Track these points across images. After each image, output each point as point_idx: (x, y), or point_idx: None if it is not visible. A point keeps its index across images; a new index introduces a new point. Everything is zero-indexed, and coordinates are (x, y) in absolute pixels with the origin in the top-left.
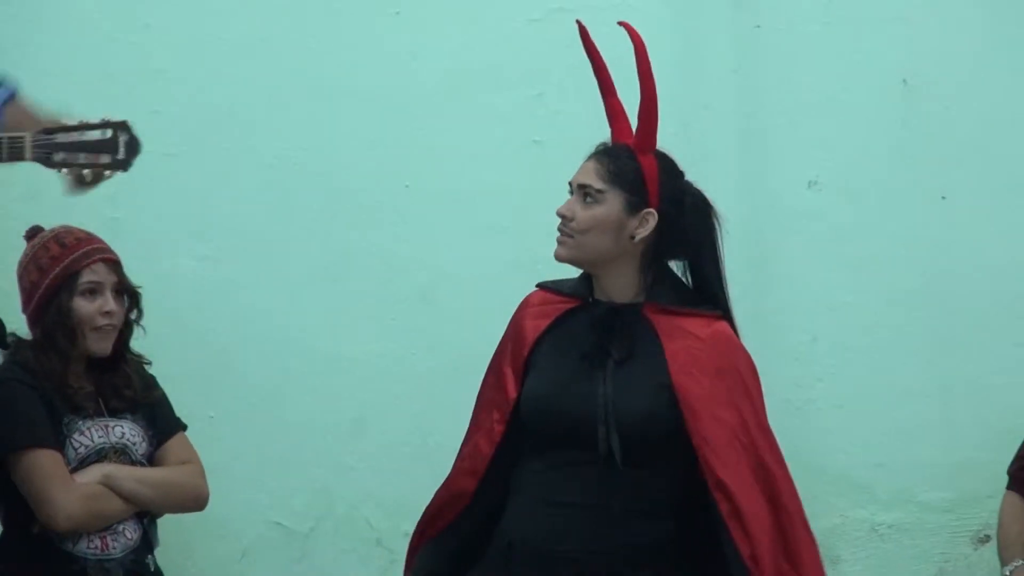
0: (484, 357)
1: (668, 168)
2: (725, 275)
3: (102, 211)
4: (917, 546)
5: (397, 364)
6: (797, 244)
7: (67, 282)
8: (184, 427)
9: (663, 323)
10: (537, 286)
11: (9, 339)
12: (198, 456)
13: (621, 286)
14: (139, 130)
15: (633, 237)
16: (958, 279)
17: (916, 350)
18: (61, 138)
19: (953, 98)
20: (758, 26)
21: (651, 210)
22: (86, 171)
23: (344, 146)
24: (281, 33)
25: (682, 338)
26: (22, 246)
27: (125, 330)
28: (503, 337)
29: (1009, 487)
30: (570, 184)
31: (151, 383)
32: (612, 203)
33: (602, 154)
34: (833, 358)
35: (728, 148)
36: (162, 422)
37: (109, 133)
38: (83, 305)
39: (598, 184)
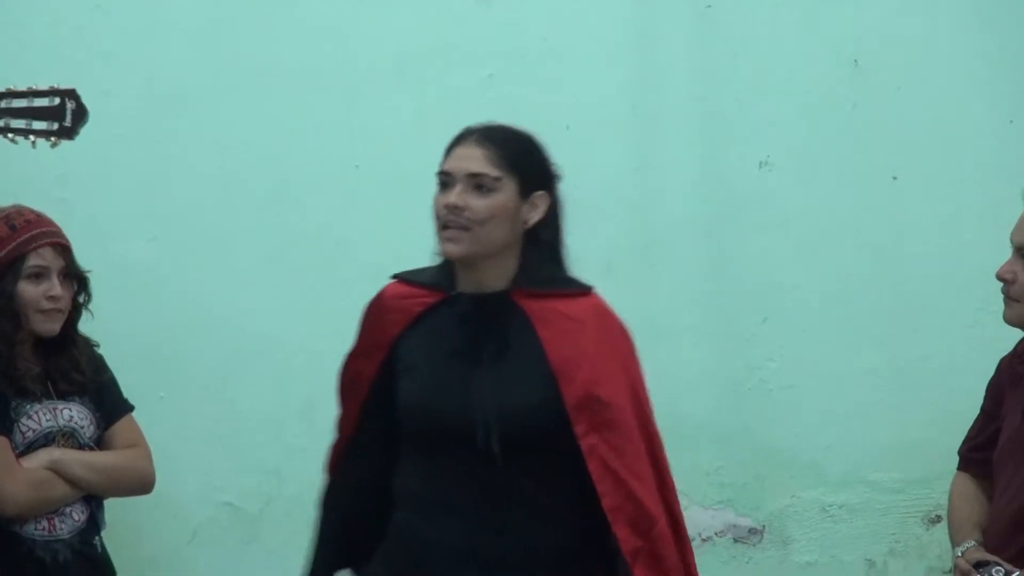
0: None
1: (544, 148)
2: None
3: (52, 191)
4: (868, 526)
5: (347, 346)
6: (748, 225)
7: (13, 265)
8: (131, 409)
9: (535, 308)
10: (393, 277)
11: None
12: (145, 439)
13: (496, 275)
14: (90, 111)
15: (525, 223)
16: (909, 260)
17: (867, 331)
18: (8, 103)
19: (904, 79)
20: (709, 6)
21: (543, 192)
22: (31, 137)
23: (293, 127)
24: (230, 15)
25: (556, 321)
26: None
27: (73, 313)
28: (360, 331)
29: (960, 468)
30: (445, 174)
31: (100, 365)
32: (508, 189)
33: (484, 138)
34: (784, 339)
35: (680, 129)
36: (109, 404)
37: (57, 100)
38: (28, 289)
39: (492, 171)
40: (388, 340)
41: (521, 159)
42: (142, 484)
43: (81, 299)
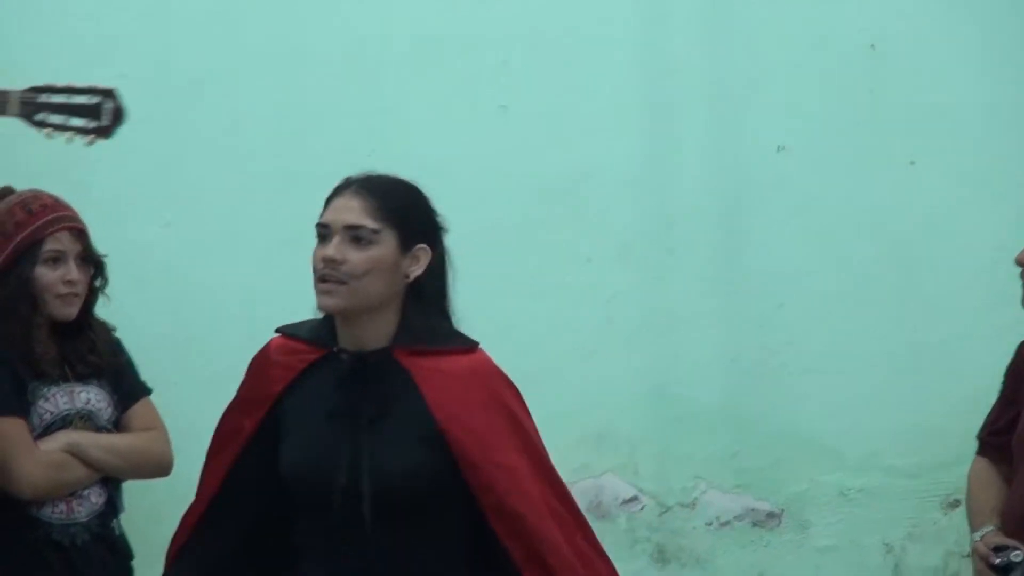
0: None
1: (427, 199)
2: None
3: (70, 175)
4: (886, 511)
5: None
6: (765, 210)
7: (30, 250)
8: (149, 392)
9: (417, 366)
10: (277, 331)
11: None
12: (162, 422)
13: (376, 330)
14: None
15: (407, 276)
16: (926, 245)
17: (884, 316)
18: (47, 98)
19: (921, 63)
20: None
21: (423, 246)
22: (68, 134)
23: (308, 113)
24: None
25: (440, 380)
26: None
27: (90, 297)
28: (242, 383)
29: (978, 452)
30: (323, 226)
31: (117, 348)
32: (387, 242)
33: (363, 189)
34: (801, 324)
35: (696, 114)
36: (127, 387)
37: (96, 99)
38: (45, 273)
39: (371, 224)
40: (270, 396)
41: (401, 211)
42: (160, 467)
43: (98, 283)
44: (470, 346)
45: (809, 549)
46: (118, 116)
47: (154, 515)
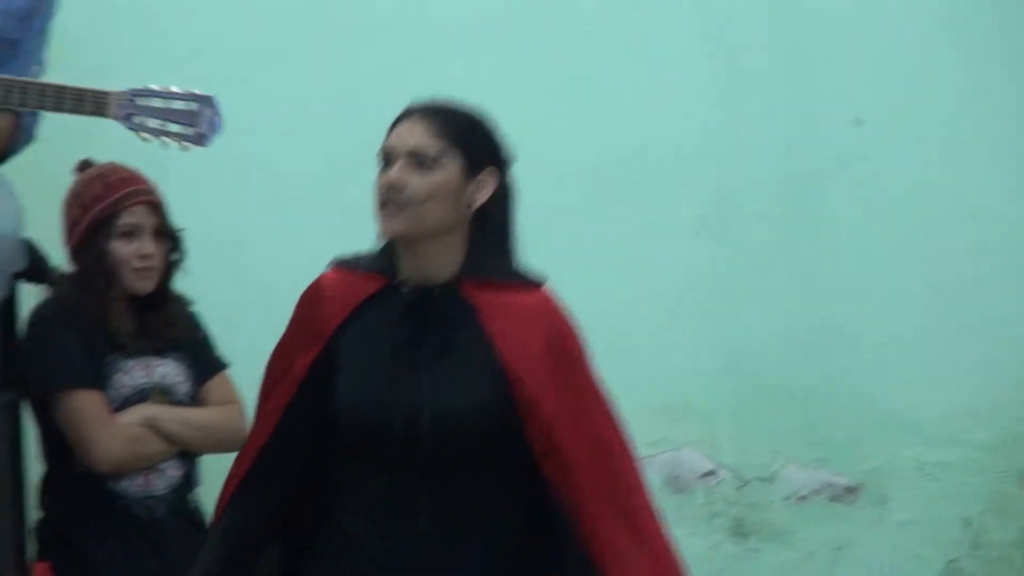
0: None
1: (493, 124)
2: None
3: (147, 149)
4: (964, 485)
5: None
6: (839, 182)
7: (106, 223)
8: (226, 366)
9: (483, 301)
10: (330, 264)
11: (53, 275)
12: (239, 395)
13: (441, 261)
14: (181, 69)
15: (471, 204)
16: (1001, 219)
17: (961, 289)
18: (145, 102)
19: (997, 37)
20: None
21: (490, 171)
22: (164, 138)
23: (374, 86)
24: None
25: (506, 316)
26: (68, 181)
27: (167, 271)
28: (292, 320)
29: None
30: (386, 151)
31: (195, 323)
32: (451, 167)
33: (427, 113)
34: (878, 297)
35: (770, 86)
36: (205, 361)
37: (194, 105)
38: (120, 247)
39: (434, 147)
40: (326, 332)
41: (466, 135)
42: (237, 440)
43: (174, 257)
44: (537, 282)
45: (887, 523)
46: (215, 125)
47: None
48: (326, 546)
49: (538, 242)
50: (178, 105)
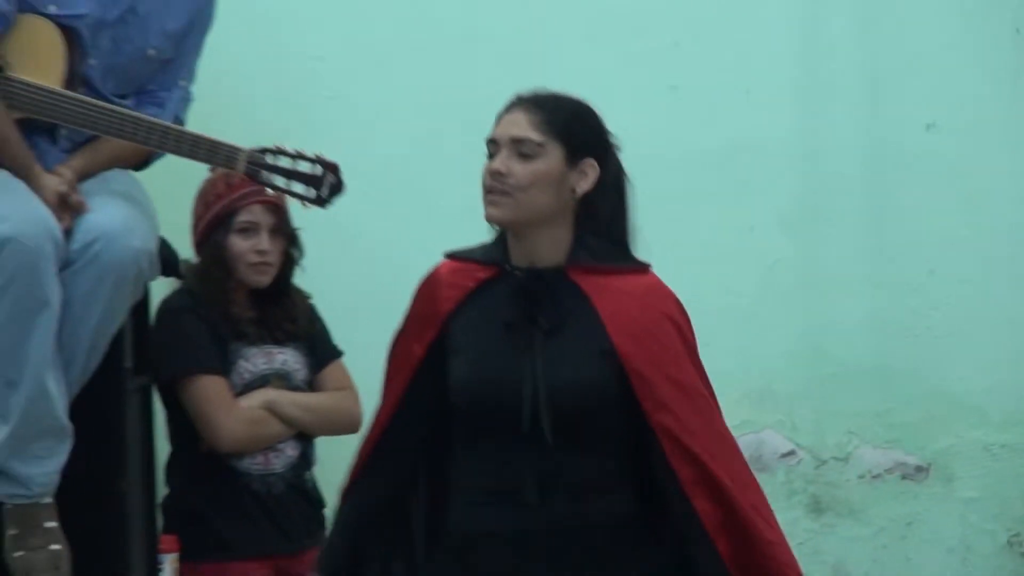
0: None
1: (596, 114)
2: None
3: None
4: (1013, 482)
5: None
6: (915, 182)
7: (225, 220)
8: (341, 354)
9: (591, 284)
10: (445, 255)
11: (182, 267)
12: (353, 382)
13: (549, 247)
14: (296, 74)
15: (574, 191)
16: None
17: None
18: (274, 160)
19: None
20: None
21: (591, 160)
22: (287, 196)
23: (487, 90)
24: None
25: (615, 297)
26: (196, 182)
27: (286, 266)
28: (410, 308)
29: None
30: (491, 142)
31: (312, 315)
32: (552, 155)
33: (531, 103)
34: (949, 289)
35: (851, 92)
36: (321, 350)
37: (319, 170)
38: (237, 242)
39: (536, 136)
40: (440, 318)
41: (568, 124)
42: (350, 424)
43: (294, 254)
44: (643, 267)
45: (954, 501)
46: (336, 190)
47: (344, 468)
48: (445, 540)
49: (638, 237)
50: (304, 167)
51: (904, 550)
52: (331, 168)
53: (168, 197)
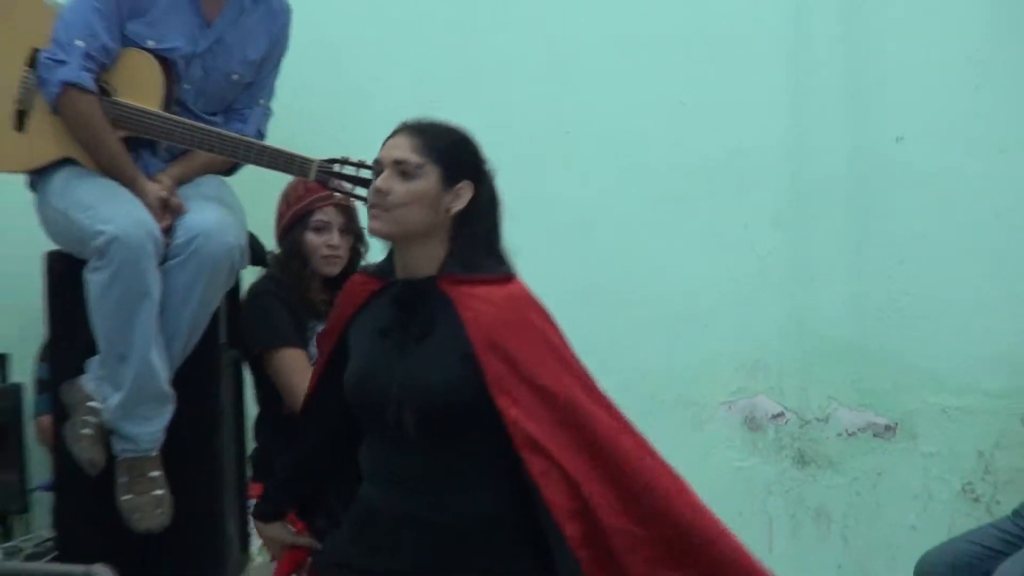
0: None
1: (474, 142)
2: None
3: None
4: (979, 425)
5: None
6: (889, 184)
7: (302, 218)
8: None
9: (458, 294)
10: (358, 270)
11: (268, 258)
12: None
13: (424, 260)
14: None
15: (448, 210)
16: (1018, 214)
17: (986, 270)
18: (340, 168)
19: (1016, 70)
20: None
21: (466, 183)
22: (351, 200)
23: (516, 101)
24: (477, 12)
25: (478, 306)
26: (279, 186)
27: (353, 258)
28: (329, 315)
29: None
30: (376, 163)
31: None
32: (430, 177)
33: (414, 129)
34: (917, 276)
35: (834, 104)
36: None
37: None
38: (312, 238)
39: (415, 158)
40: (341, 325)
41: (445, 149)
42: None
43: (359, 248)
44: (506, 276)
45: (917, 455)
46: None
47: None
48: (352, 512)
49: (649, 232)
50: (365, 175)
51: (875, 497)
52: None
53: (256, 198)
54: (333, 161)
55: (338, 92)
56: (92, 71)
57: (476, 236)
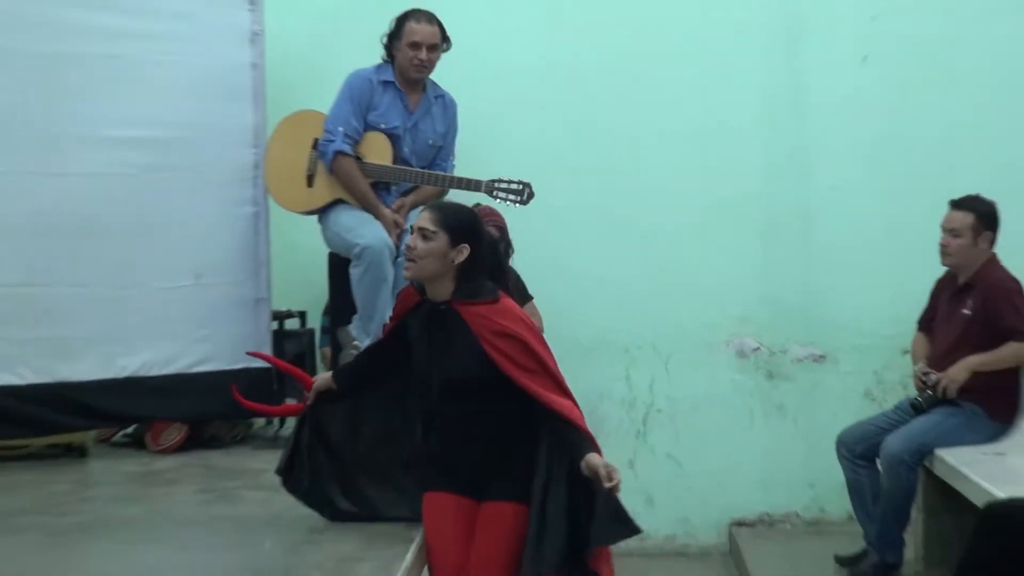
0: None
1: (476, 219)
2: (507, 266)
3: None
4: (875, 354)
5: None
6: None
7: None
8: (531, 297)
9: (467, 312)
10: (411, 284)
11: None
12: (538, 311)
13: (442, 291)
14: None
15: (453, 261)
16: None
17: (882, 260)
18: (500, 184)
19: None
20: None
21: (465, 245)
22: (507, 203)
23: (575, 106)
24: (559, 19)
25: (481, 319)
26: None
27: (506, 257)
28: (395, 303)
29: (918, 330)
30: (411, 228)
31: (519, 282)
32: (441, 240)
33: (435, 207)
34: (840, 266)
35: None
36: (521, 295)
37: (523, 187)
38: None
39: (432, 227)
40: (401, 314)
41: (453, 223)
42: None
43: (509, 251)
44: (495, 298)
45: (839, 373)
46: (531, 196)
47: None
48: (420, 432)
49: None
50: (514, 187)
51: (815, 397)
52: (526, 185)
53: None
54: (496, 180)
55: (491, 139)
56: (349, 145)
57: (473, 277)
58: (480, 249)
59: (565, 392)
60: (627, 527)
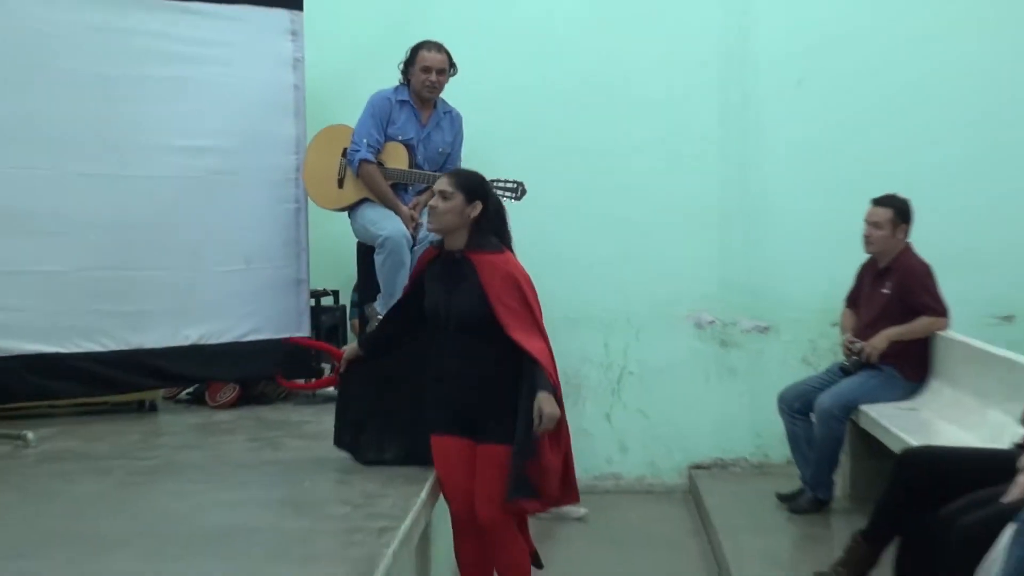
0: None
1: (485, 181)
2: (510, 233)
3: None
4: (810, 325)
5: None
6: (774, 141)
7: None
8: None
9: (477, 260)
10: (430, 243)
11: None
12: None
13: (457, 242)
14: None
15: (469, 216)
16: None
17: (819, 248)
18: (498, 183)
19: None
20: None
21: (478, 201)
22: (504, 199)
23: (563, 120)
24: (571, 37)
25: (487, 266)
26: None
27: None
28: (415, 262)
29: (846, 306)
30: (430, 189)
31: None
32: (457, 198)
33: (451, 173)
34: (781, 250)
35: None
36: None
37: (518, 187)
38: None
39: (449, 189)
40: (421, 269)
41: (466, 183)
42: None
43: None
44: (501, 249)
45: (781, 342)
46: (523, 193)
47: None
48: (431, 374)
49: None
50: (510, 185)
51: (761, 362)
52: (520, 184)
53: None
54: (496, 179)
55: (497, 145)
56: (372, 153)
57: (485, 230)
58: (489, 205)
59: (542, 334)
60: (517, 490)
